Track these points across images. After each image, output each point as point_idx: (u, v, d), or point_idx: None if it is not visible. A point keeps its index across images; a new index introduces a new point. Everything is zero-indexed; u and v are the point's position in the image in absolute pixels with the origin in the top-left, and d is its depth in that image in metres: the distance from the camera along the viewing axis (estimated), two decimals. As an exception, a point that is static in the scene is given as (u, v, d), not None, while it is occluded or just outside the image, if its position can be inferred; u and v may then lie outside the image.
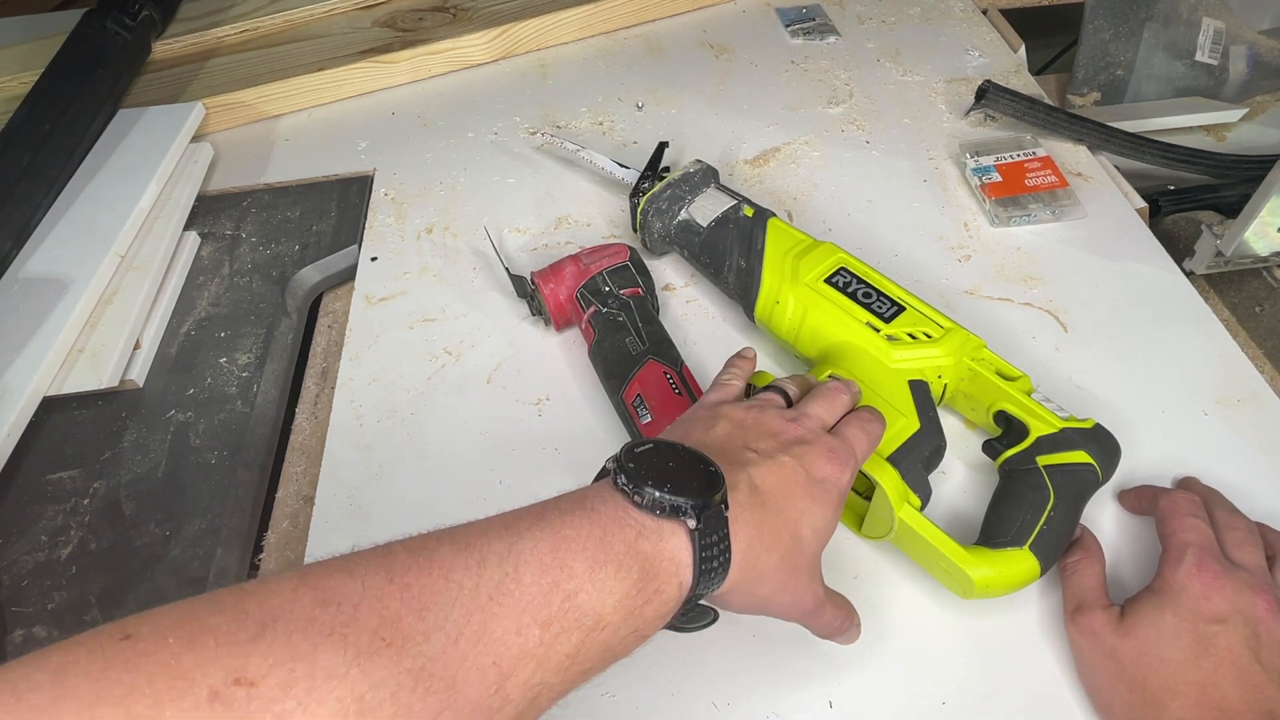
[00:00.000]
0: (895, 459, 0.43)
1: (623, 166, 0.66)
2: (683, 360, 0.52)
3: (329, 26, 0.86)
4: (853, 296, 0.50)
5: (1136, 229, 0.62)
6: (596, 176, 0.70)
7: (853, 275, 0.51)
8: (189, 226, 0.68)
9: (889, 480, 0.42)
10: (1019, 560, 0.40)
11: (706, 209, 0.58)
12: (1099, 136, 0.67)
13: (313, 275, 0.66)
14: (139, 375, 0.58)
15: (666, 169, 0.63)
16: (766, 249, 0.54)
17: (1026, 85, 0.75)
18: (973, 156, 0.67)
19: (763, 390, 0.43)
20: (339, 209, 0.70)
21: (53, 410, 0.56)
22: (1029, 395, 0.46)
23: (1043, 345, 0.55)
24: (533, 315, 0.59)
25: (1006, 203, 0.63)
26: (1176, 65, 0.74)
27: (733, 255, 0.55)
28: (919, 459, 0.44)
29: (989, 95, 0.67)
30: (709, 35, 0.85)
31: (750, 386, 0.46)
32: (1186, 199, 0.66)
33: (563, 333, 0.58)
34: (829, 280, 0.51)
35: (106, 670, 0.21)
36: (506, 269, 0.60)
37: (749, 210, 0.57)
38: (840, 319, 0.49)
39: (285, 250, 0.67)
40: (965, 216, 0.64)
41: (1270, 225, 0.55)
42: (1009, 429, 0.46)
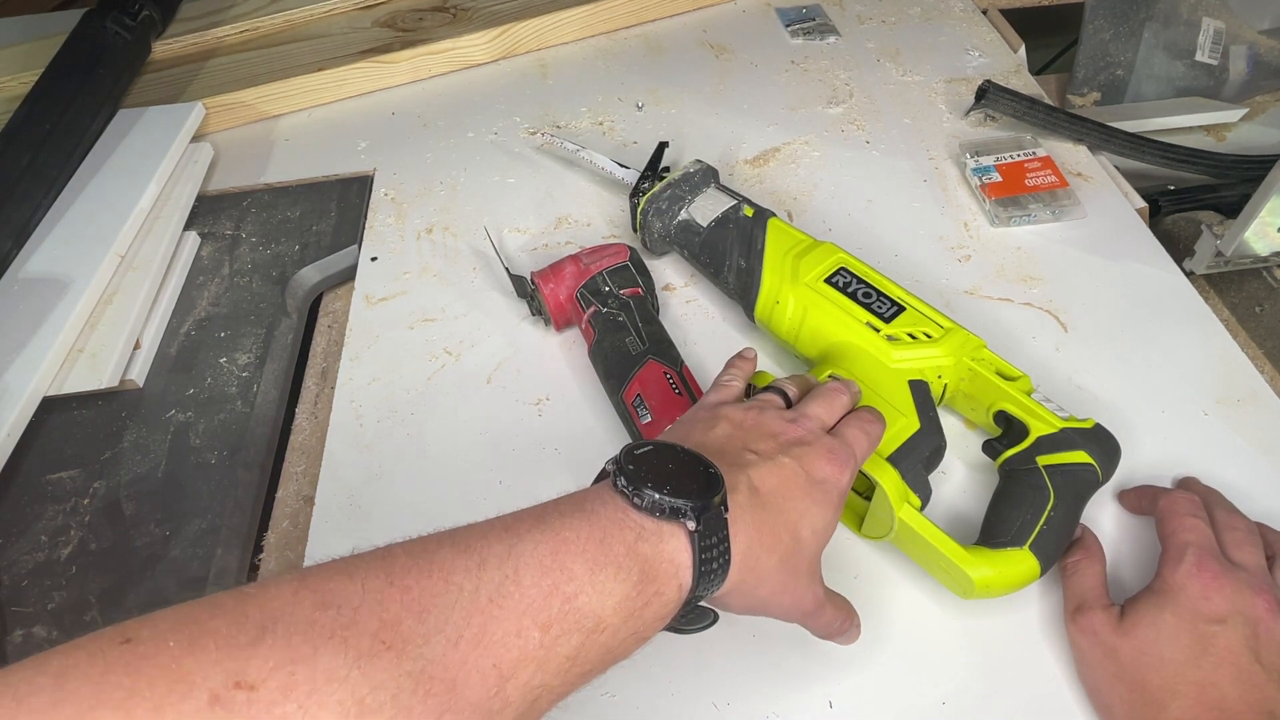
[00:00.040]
0: (895, 459, 0.43)
1: (623, 166, 0.66)
2: (683, 360, 0.52)
3: (329, 26, 0.86)
4: (853, 296, 0.50)
5: (1136, 229, 0.62)
6: (596, 176, 0.69)
7: (853, 275, 0.51)
8: (189, 226, 0.68)
9: (889, 480, 0.42)
10: (1019, 560, 0.41)
11: (706, 209, 0.58)
12: (1099, 136, 0.67)
13: (313, 275, 0.66)
14: (139, 375, 0.58)
15: (666, 169, 0.63)
16: (766, 249, 0.54)
17: (1026, 85, 0.75)
18: (973, 156, 0.67)
19: (762, 391, 0.43)
20: (339, 209, 0.70)
21: (53, 410, 0.56)
22: (1029, 395, 0.46)
23: (1043, 345, 0.55)
24: (533, 315, 0.59)
25: (1006, 203, 0.63)
26: (1176, 65, 0.74)
27: (733, 255, 0.55)
28: (919, 459, 0.44)
29: (989, 95, 0.67)
30: (709, 35, 0.85)
31: (750, 387, 0.46)
32: (1186, 199, 0.66)
33: (563, 333, 0.58)
34: (829, 280, 0.51)
35: (107, 674, 0.21)
36: (506, 269, 0.60)
37: (749, 210, 0.57)
38: (840, 319, 0.49)
39: (285, 250, 0.67)
40: (965, 216, 0.64)
41: (1270, 225, 0.55)
42: (1009, 429, 0.46)
